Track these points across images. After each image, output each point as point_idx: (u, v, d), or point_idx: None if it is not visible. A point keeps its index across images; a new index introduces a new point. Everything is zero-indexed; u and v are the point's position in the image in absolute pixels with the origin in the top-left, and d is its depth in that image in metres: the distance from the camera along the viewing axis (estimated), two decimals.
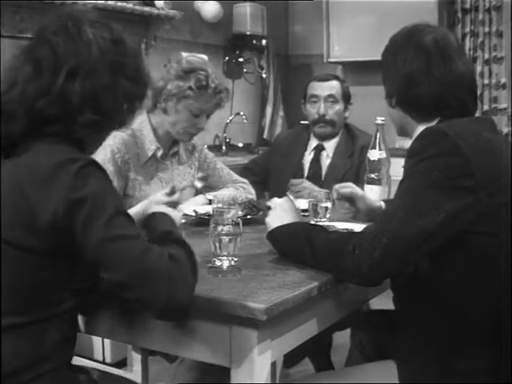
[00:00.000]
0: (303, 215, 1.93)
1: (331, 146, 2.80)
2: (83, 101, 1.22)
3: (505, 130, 4.56)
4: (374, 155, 2.11)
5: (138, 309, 1.29)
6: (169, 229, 1.36)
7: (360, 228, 1.66)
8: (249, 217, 2.02)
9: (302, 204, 2.11)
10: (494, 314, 1.35)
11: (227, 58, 4.76)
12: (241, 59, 4.84)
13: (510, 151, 1.41)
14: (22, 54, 1.27)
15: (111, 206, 1.17)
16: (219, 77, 2.28)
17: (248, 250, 1.63)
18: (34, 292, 1.19)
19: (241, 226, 1.47)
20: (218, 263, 1.45)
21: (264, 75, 5.07)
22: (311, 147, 2.84)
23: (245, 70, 4.95)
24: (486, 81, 4.62)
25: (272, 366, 1.32)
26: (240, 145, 4.77)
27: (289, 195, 1.95)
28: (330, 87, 2.78)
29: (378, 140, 2.11)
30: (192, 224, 2.00)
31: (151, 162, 2.26)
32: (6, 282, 1.18)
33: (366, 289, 1.63)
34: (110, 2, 3.45)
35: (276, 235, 1.57)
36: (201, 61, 2.23)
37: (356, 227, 1.77)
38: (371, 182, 2.10)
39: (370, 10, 4.62)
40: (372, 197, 1.97)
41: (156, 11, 3.78)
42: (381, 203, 1.91)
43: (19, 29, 3.09)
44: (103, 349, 2.81)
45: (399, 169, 1.48)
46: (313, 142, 2.85)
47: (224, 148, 4.59)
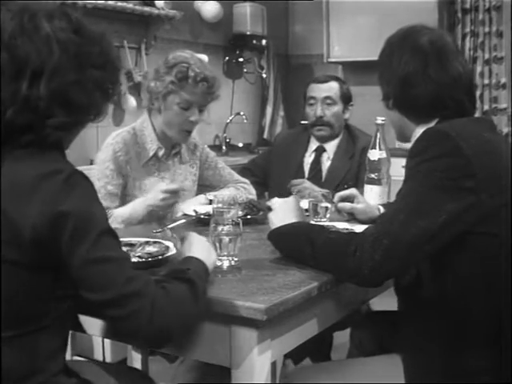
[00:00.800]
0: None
1: (332, 148, 2.80)
2: (52, 104, 1.15)
3: (505, 130, 4.56)
4: (374, 155, 2.10)
5: (119, 334, 1.22)
6: (185, 268, 1.27)
7: (361, 228, 1.66)
8: (249, 217, 2.02)
9: (303, 204, 2.10)
10: (496, 315, 1.35)
11: (227, 58, 4.76)
12: (241, 59, 4.84)
13: (510, 151, 1.41)
14: None
15: (98, 224, 1.13)
16: (219, 76, 2.26)
17: (248, 250, 1.63)
18: (20, 305, 1.15)
19: (241, 226, 1.47)
20: (218, 263, 1.45)
21: (264, 75, 5.07)
22: (312, 148, 2.83)
23: (245, 70, 4.94)
24: (486, 81, 4.61)
25: (272, 366, 1.32)
26: (240, 145, 4.76)
27: (294, 195, 1.96)
28: (328, 89, 2.77)
29: (378, 140, 2.10)
30: (192, 224, 2.00)
31: (153, 162, 2.26)
32: None
33: (366, 289, 1.63)
34: (110, 2, 3.45)
35: (277, 235, 1.57)
36: (186, 55, 2.20)
37: (357, 227, 1.77)
38: (371, 182, 2.10)
39: (370, 10, 4.61)
40: (372, 197, 1.97)
41: (156, 11, 3.78)
42: (380, 209, 1.92)
43: None
44: (103, 349, 2.80)
45: (399, 169, 1.48)
46: (313, 144, 2.84)
47: (224, 148, 4.59)
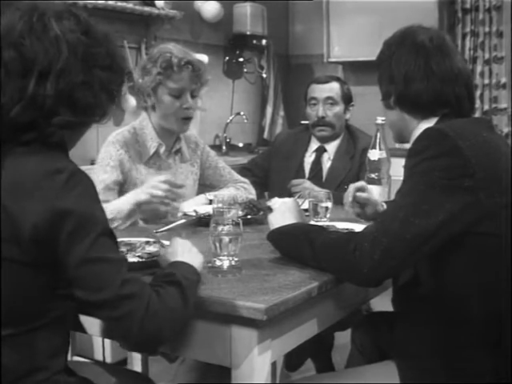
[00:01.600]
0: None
1: (333, 148, 2.80)
2: (58, 103, 1.16)
3: (505, 130, 4.56)
4: (375, 155, 2.10)
5: (109, 334, 1.21)
6: (175, 272, 1.27)
7: (360, 228, 1.66)
8: (249, 217, 2.02)
9: (303, 204, 2.10)
10: (495, 315, 1.34)
11: (227, 58, 4.76)
12: (241, 59, 4.84)
13: (510, 151, 1.42)
14: None
15: (97, 225, 1.13)
16: (219, 76, 2.26)
17: (248, 250, 1.63)
18: (20, 303, 1.15)
19: (241, 226, 1.47)
20: (218, 263, 1.45)
21: (264, 75, 5.07)
22: (312, 149, 2.83)
23: (245, 70, 4.94)
24: (486, 81, 4.62)
25: (272, 366, 1.32)
26: (240, 145, 4.77)
27: (295, 198, 1.96)
28: (329, 89, 2.78)
29: (378, 140, 2.10)
30: (192, 224, 2.00)
31: (154, 160, 2.26)
32: None
33: (367, 289, 1.63)
34: (110, 2, 3.45)
35: (276, 235, 1.57)
36: (168, 46, 2.22)
37: (356, 227, 1.77)
38: (371, 182, 2.09)
39: (370, 10, 4.62)
40: (372, 197, 1.97)
41: (156, 11, 3.78)
42: (384, 206, 1.91)
43: None
44: (103, 349, 2.81)
45: (399, 169, 1.48)
46: (314, 144, 2.84)
47: (224, 148, 4.59)
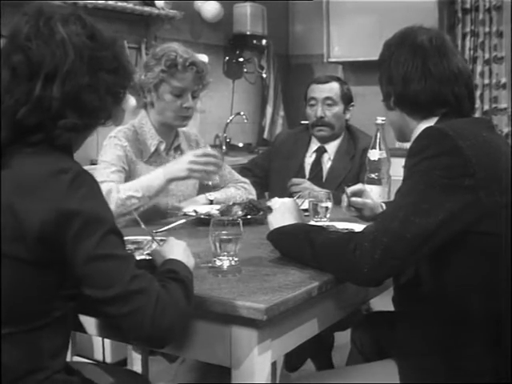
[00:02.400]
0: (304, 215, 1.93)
1: (333, 148, 2.79)
2: (64, 105, 1.17)
3: (505, 130, 4.56)
4: (375, 155, 2.10)
5: (121, 332, 1.20)
6: (176, 269, 1.28)
7: (360, 228, 1.66)
8: (249, 217, 2.02)
9: (303, 205, 2.10)
10: (496, 314, 1.34)
11: (227, 58, 4.76)
12: (241, 59, 4.84)
13: (511, 151, 1.42)
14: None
15: (104, 223, 1.14)
16: (219, 76, 2.26)
17: (248, 250, 1.63)
18: (24, 302, 1.16)
19: (241, 226, 1.47)
20: (218, 263, 1.45)
21: (264, 75, 5.07)
22: (312, 149, 2.83)
23: (245, 70, 4.94)
24: (486, 81, 4.62)
25: (272, 366, 1.32)
26: (240, 145, 4.77)
27: (295, 198, 1.95)
28: (329, 89, 2.77)
29: (379, 140, 2.10)
30: (192, 224, 2.00)
31: (154, 158, 2.26)
32: None
33: (367, 288, 1.63)
34: (110, 2, 3.45)
35: (276, 235, 1.57)
36: (173, 45, 2.23)
37: (356, 227, 1.77)
38: (371, 182, 2.09)
39: (370, 10, 4.62)
40: (372, 197, 1.97)
41: (156, 11, 3.79)
42: (383, 207, 1.91)
43: None
44: (103, 349, 2.81)
45: (399, 169, 1.48)
46: (314, 144, 2.84)
47: (224, 148, 4.59)
